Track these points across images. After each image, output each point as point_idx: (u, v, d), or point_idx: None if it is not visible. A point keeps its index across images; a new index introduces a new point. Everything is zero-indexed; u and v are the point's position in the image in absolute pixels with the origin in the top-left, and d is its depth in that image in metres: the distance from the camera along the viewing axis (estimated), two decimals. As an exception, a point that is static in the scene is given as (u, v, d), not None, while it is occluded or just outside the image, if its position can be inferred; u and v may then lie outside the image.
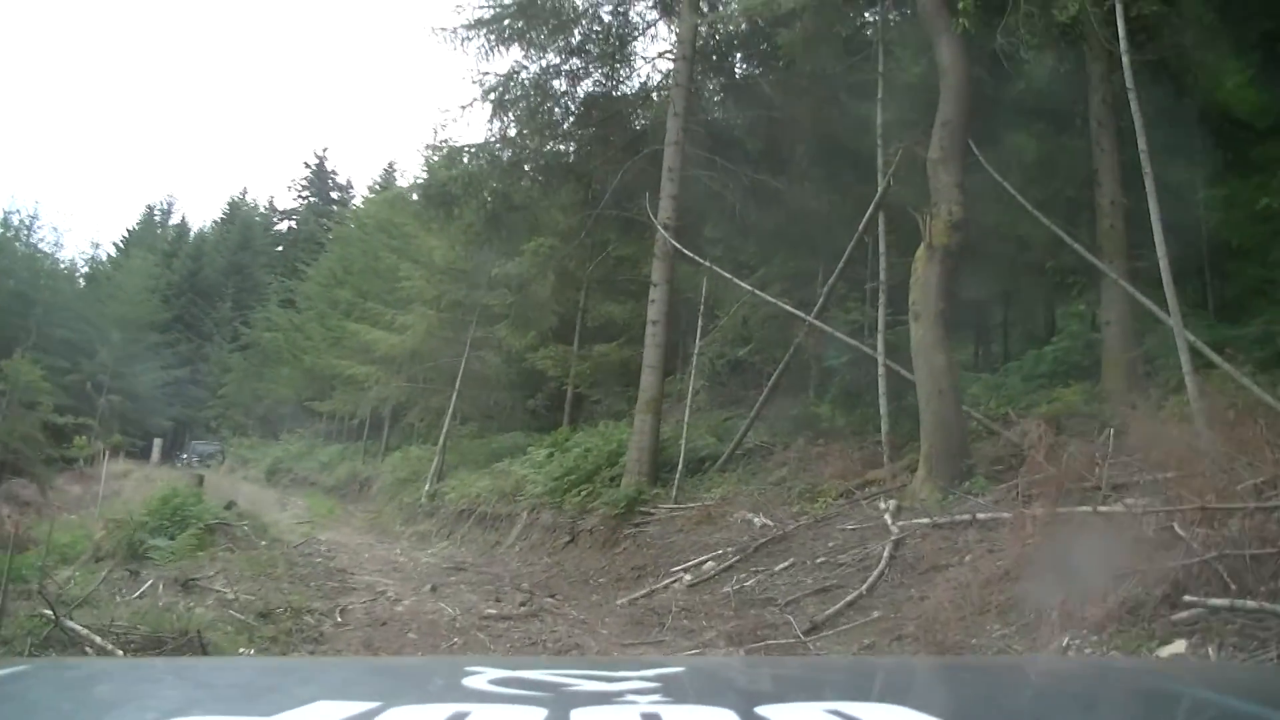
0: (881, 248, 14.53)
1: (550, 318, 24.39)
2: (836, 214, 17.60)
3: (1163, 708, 1.72)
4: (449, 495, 24.56)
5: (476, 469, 25.55)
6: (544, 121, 21.00)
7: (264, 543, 14.75)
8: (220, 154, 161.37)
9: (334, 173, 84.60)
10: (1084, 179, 15.16)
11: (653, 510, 15.73)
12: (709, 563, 12.57)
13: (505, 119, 20.58)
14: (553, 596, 12.98)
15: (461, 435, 30.55)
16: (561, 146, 21.68)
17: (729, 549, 12.70)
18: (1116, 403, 13.15)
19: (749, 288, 16.79)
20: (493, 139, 21.01)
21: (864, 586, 9.86)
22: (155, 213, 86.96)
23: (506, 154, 20.79)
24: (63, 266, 62.31)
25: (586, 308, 26.35)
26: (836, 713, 1.34)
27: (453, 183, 20.21)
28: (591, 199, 20.64)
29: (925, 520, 11.21)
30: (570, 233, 21.31)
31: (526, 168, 21.28)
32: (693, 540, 13.77)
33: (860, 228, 15.00)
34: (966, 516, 10.89)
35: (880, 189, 14.71)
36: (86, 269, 68.09)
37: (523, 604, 11.51)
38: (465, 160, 20.49)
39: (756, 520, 13.58)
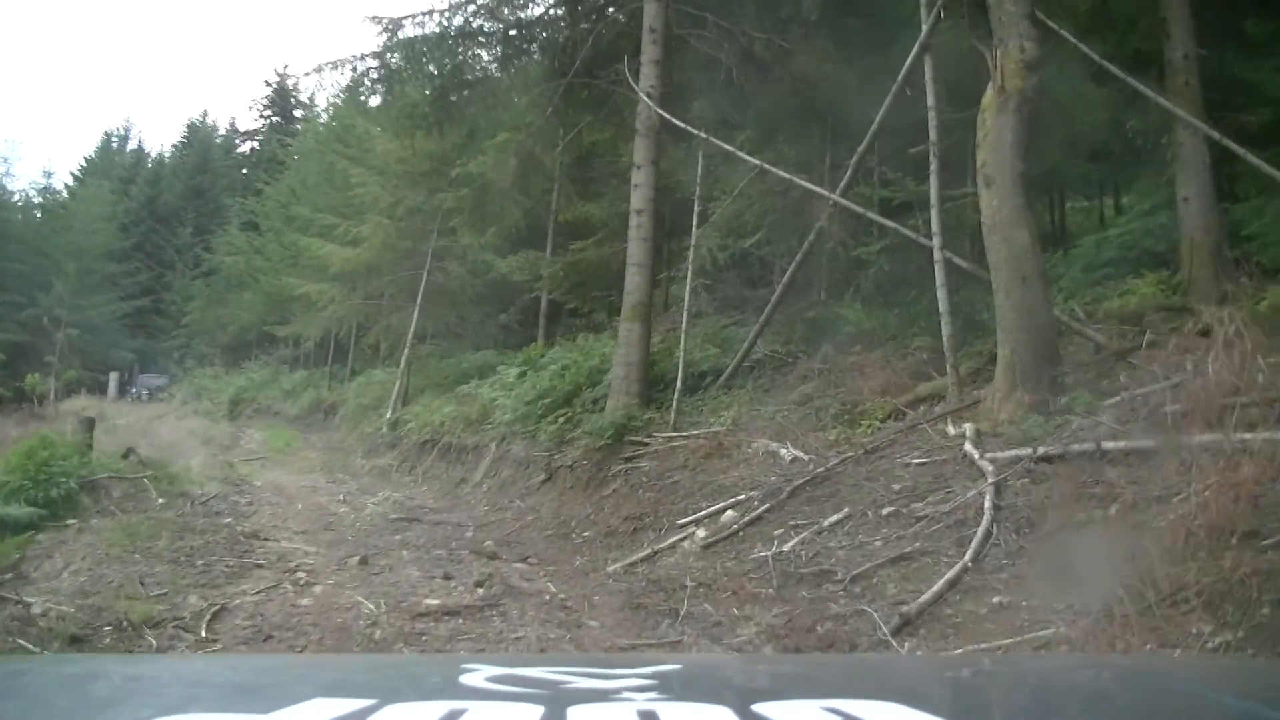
0: (930, 99, 11.27)
1: (513, 212, 21.01)
2: (856, 77, 14.34)
3: (1164, 706, 1.65)
4: (410, 424, 21.57)
5: (443, 393, 22.61)
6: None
7: (160, 500, 11.70)
8: (180, 77, 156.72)
9: (296, 89, 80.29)
10: (1149, 29, 12.87)
11: (647, 440, 12.71)
12: (728, 512, 9.53)
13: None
14: (524, 561, 10.01)
15: (427, 355, 27.56)
16: (521, 12, 18.12)
17: (753, 492, 9.66)
18: (1201, 294, 11.02)
19: (756, 162, 13.52)
20: (440, 4, 17.64)
21: (967, 556, 6.77)
22: (113, 140, 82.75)
23: (456, 20, 17.31)
24: (15, 198, 60.48)
25: (558, 207, 23.10)
26: (834, 710, 1.30)
27: (392, 53, 16.84)
28: (559, 70, 17.22)
29: (1025, 451, 8.19)
30: (534, 109, 17.85)
31: (480, 37, 17.80)
32: (701, 480, 10.74)
33: (900, 77, 11.73)
34: (1086, 445, 7.89)
35: (928, 22, 11.43)
36: (40, 200, 64.86)
37: (480, 584, 8.41)
38: (408, 29, 17.07)
39: (783, 452, 10.56)
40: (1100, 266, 13.50)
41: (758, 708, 1.31)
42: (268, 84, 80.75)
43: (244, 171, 75.76)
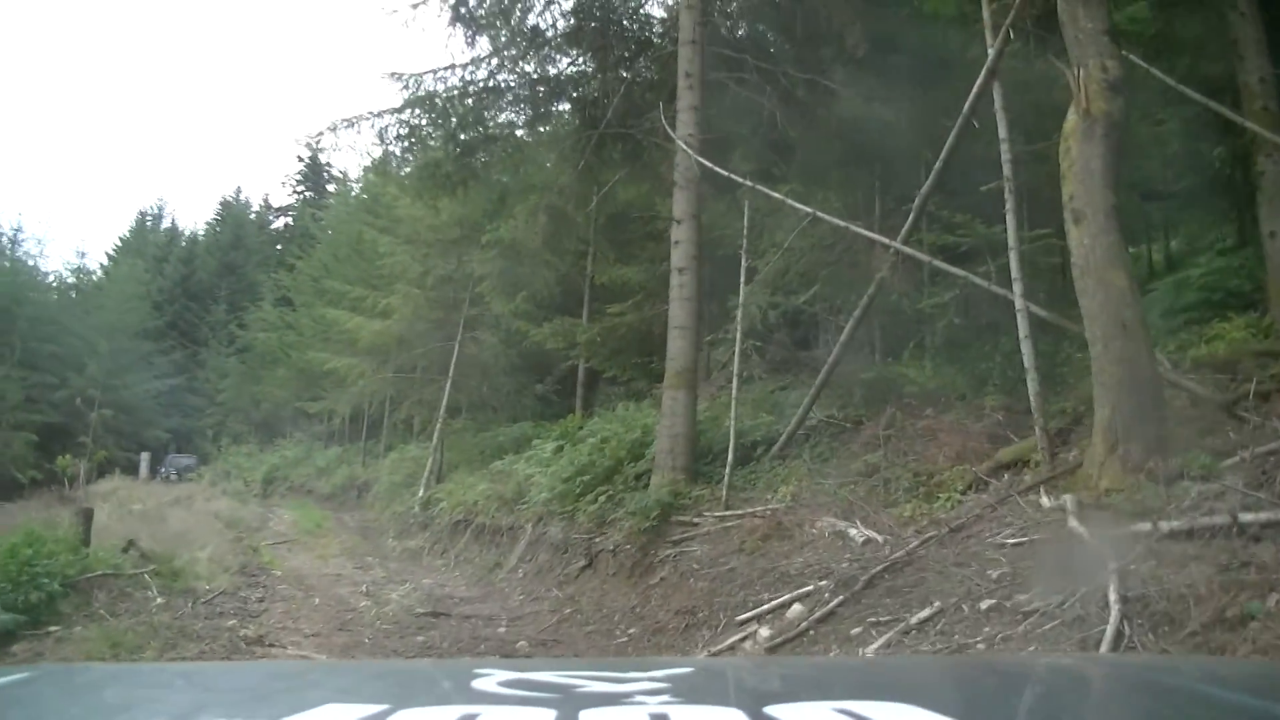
0: (1001, 130, 10.09)
1: (545, 275, 19.98)
2: (908, 116, 13.25)
3: (1171, 704, 1.65)
4: (442, 503, 20.43)
5: (477, 469, 21.49)
6: (519, 28, 16.44)
7: (159, 601, 10.57)
8: (213, 156, 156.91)
9: (329, 164, 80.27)
10: (1217, 52, 11.93)
11: (697, 520, 11.50)
12: (795, 606, 8.27)
13: (470, 29, 16.12)
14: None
15: (459, 430, 26.51)
16: (548, 66, 17.11)
17: (822, 582, 8.40)
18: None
19: (808, 210, 12.35)
20: (461, 59, 16.73)
21: (1104, 668, 5.54)
22: (147, 219, 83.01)
23: (479, 74, 16.33)
24: (50, 280, 60.64)
25: (593, 270, 22.07)
26: (846, 712, 1.31)
27: (413, 108, 15.86)
28: (589, 122, 16.19)
29: (1144, 527, 6.89)
30: (563, 164, 16.80)
31: (506, 93, 16.81)
32: (761, 566, 9.47)
33: (966, 107, 10.56)
34: (1218, 518, 6.61)
35: (995, 45, 10.27)
36: (73, 280, 64.98)
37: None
38: (428, 83, 16.10)
39: (853, 532, 9.33)
40: (1181, 311, 12.36)
41: (770, 710, 1.31)
42: (300, 159, 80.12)
43: (278, 247, 75.42)
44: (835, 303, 14.74)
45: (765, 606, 8.52)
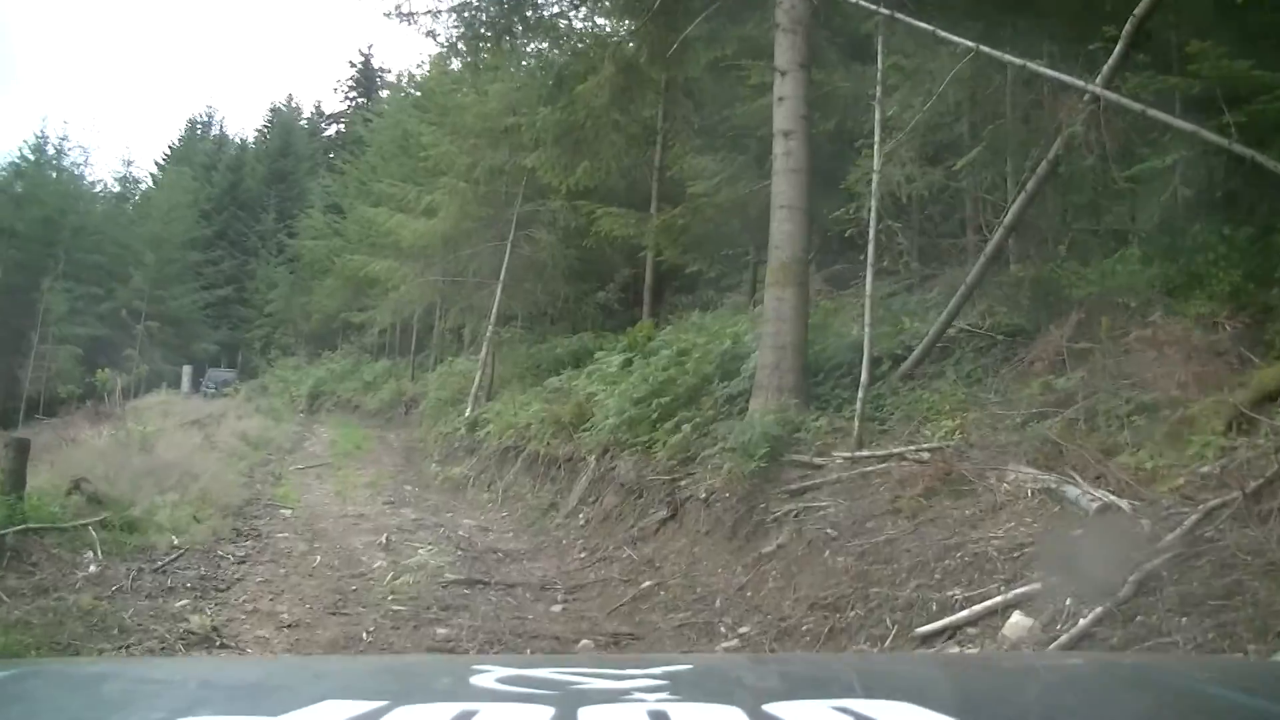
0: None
1: (611, 138, 16.68)
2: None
3: (1170, 703, 1.63)
4: (490, 425, 17.59)
5: (530, 386, 18.67)
6: None
7: (93, 567, 7.79)
8: (265, 64, 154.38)
9: (381, 70, 77.12)
10: None
11: (819, 461, 8.52)
12: (1014, 614, 5.22)
13: None
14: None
15: (510, 340, 23.63)
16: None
17: (1052, 577, 5.36)
18: None
19: (968, 43, 9.11)
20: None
21: None
22: (197, 127, 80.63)
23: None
24: (96, 189, 60.77)
25: (662, 161, 18.85)
26: (845, 710, 1.27)
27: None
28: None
29: None
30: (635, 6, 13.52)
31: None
32: (937, 540, 6.34)
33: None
34: None
35: None
36: (118, 189, 63.49)
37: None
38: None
39: (1072, 491, 6.25)
40: None
41: (769, 708, 1.30)
42: (352, 64, 77.54)
43: (329, 155, 73.06)
44: (993, 173, 11.39)
45: (961, 613, 5.47)
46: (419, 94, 39.63)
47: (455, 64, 25.17)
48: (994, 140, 10.41)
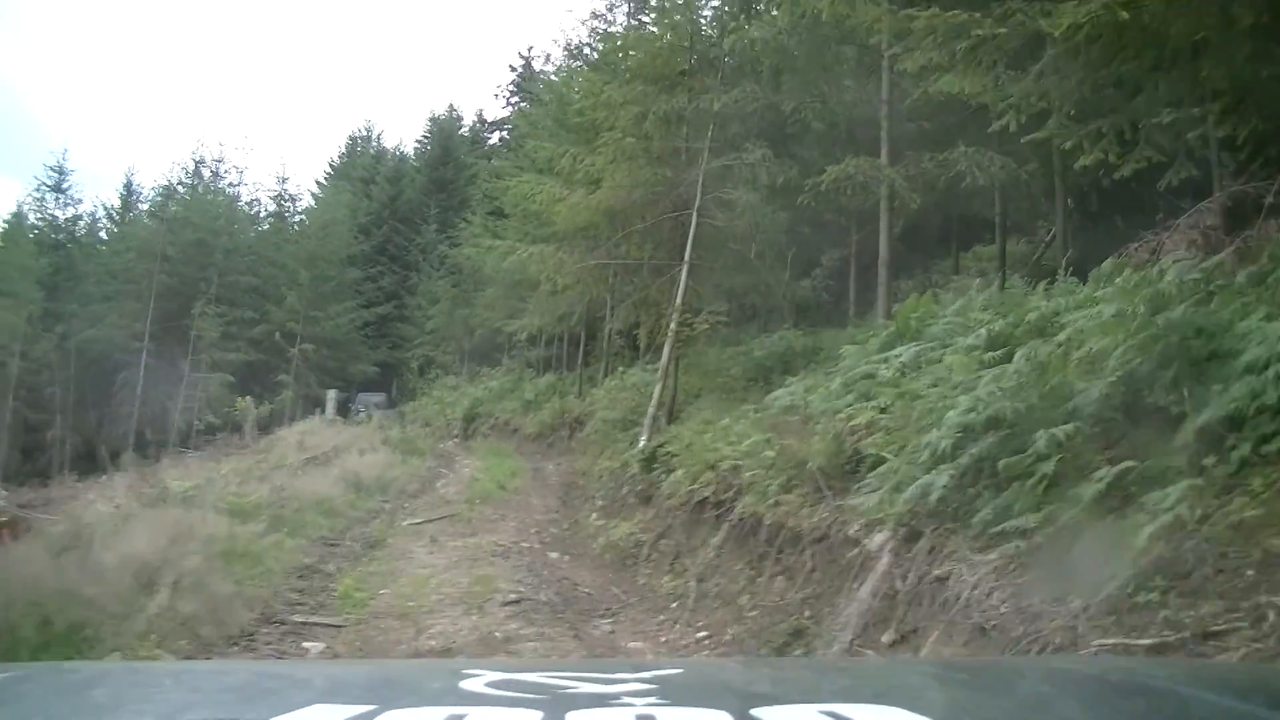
0: None
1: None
2: None
3: (1156, 706, 1.63)
4: (675, 460, 11.96)
5: (727, 400, 13.79)
6: None
7: None
8: (424, 79, 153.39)
9: (543, 72, 73.28)
10: None
11: None
12: None
13: None
14: None
15: (695, 340, 17.57)
16: None
17: None
18: None
19: None
20: None
21: None
22: (357, 145, 78.61)
23: None
24: (252, 209, 60.24)
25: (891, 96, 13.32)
26: (832, 714, 1.30)
27: None
28: None
29: None
30: None
31: None
32: None
33: None
34: None
35: None
36: (273, 207, 62.47)
37: None
38: None
39: None
40: None
41: (756, 712, 1.31)
42: (512, 69, 73.76)
43: (491, 161, 69.50)
44: None
45: None
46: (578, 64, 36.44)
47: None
48: None
